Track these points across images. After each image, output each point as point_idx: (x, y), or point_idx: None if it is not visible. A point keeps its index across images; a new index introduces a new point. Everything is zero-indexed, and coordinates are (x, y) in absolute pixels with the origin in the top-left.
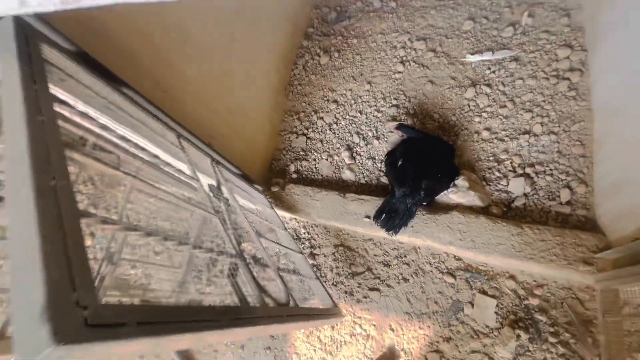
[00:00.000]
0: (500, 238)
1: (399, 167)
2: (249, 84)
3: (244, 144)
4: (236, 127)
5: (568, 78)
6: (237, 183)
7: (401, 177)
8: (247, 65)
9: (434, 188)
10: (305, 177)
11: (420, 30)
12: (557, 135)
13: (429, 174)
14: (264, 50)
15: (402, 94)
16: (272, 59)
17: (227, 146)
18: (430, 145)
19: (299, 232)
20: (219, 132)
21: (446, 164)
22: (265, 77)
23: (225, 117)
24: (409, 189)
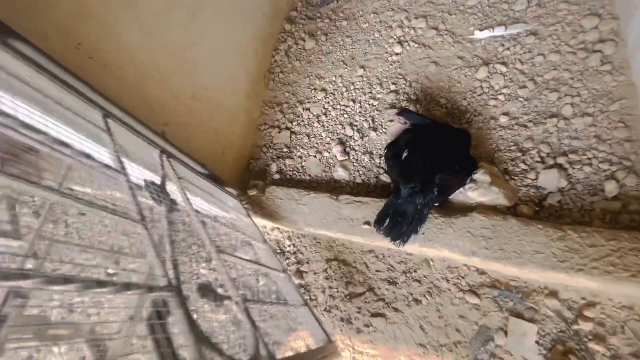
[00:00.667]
0: (537, 244)
1: (404, 159)
2: (219, 65)
3: (211, 136)
4: (201, 115)
5: (599, 50)
6: (200, 184)
7: (408, 171)
8: (216, 42)
9: (449, 184)
10: (290, 177)
11: (418, 7)
12: (592, 117)
13: (442, 167)
14: (238, 29)
15: (402, 78)
16: (248, 40)
17: (187, 137)
18: (441, 133)
19: (283, 245)
20: (176, 119)
21: (461, 154)
22: (239, 60)
23: (186, 102)
24: (419, 184)
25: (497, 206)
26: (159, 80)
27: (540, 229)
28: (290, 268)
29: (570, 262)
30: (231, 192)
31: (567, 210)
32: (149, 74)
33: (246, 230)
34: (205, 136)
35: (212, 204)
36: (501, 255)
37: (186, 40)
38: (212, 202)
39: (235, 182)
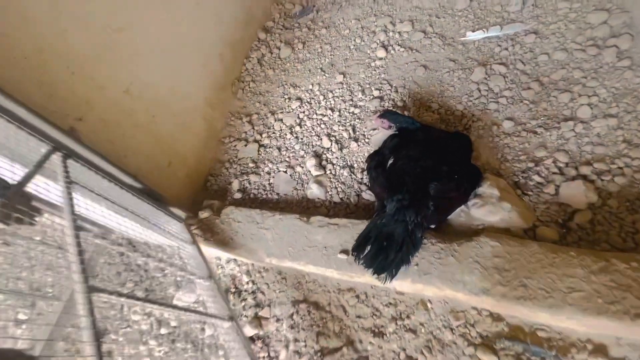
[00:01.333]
0: (572, 279)
1: (389, 167)
2: (168, 61)
3: (151, 143)
4: (138, 115)
5: (614, 45)
6: (124, 199)
7: (395, 180)
8: (165, 33)
9: (448, 198)
10: (255, 197)
11: (403, 12)
12: (616, 118)
13: (439, 174)
14: (197, 25)
15: (387, 84)
16: (212, 40)
17: (113, 139)
18: (434, 136)
19: (240, 282)
20: (97, 115)
21: (461, 161)
22: (199, 61)
23: (116, 96)
24: (409, 196)
25: (510, 228)
26: (71, 63)
27: (574, 257)
28: (247, 313)
29: (623, 305)
30: (176, 214)
31: (602, 233)
32: (55, 52)
33: (191, 261)
34: (142, 142)
35: (143, 228)
36: (523, 294)
37: (120, 20)
38: (142, 225)
39: (186, 202)
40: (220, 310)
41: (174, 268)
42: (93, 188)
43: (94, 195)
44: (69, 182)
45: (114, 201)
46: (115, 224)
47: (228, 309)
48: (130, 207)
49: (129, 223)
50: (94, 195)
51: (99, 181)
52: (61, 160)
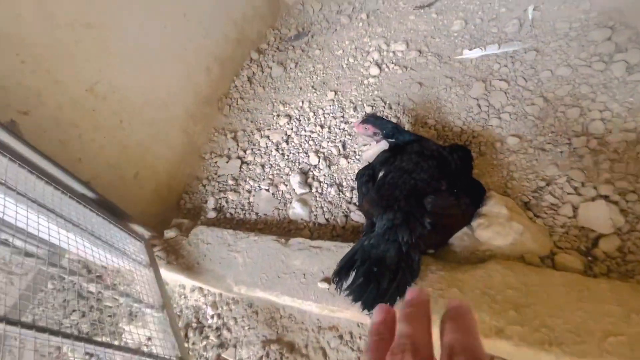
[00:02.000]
0: (609, 319)
1: (379, 180)
2: (147, 65)
3: (116, 150)
4: (102, 117)
5: (623, 60)
6: (69, 209)
7: (385, 195)
8: (146, 36)
9: (447, 215)
10: (231, 216)
11: (398, 34)
12: (635, 133)
13: (435, 188)
14: (185, 36)
15: (380, 100)
16: (199, 53)
17: (66, 141)
18: (429, 148)
19: (204, 316)
20: (48, 112)
21: (461, 173)
22: (182, 71)
23: (77, 94)
24: (401, 214)
25: (524, 255)
26: (22, 51)
27: (607, 291)
28: (207, 355)
29: None
30: (136, 232)
31: (636, 264)
32: (4, 36)
33: (142, 289)
34: (104, 147)
35: (92, 246)
36: (548, 337)
37: (90, 18)
38: (91, 242)
39: (153, 219)
40: (170, 349)
41: (129, 298)
42: (27, 193)
43: (28, 202)
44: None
45: (54, 210)
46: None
47: (176, 349)
48: (76, 220)
49: (74, 239)
50: (28, 202)
51: (38, 186)
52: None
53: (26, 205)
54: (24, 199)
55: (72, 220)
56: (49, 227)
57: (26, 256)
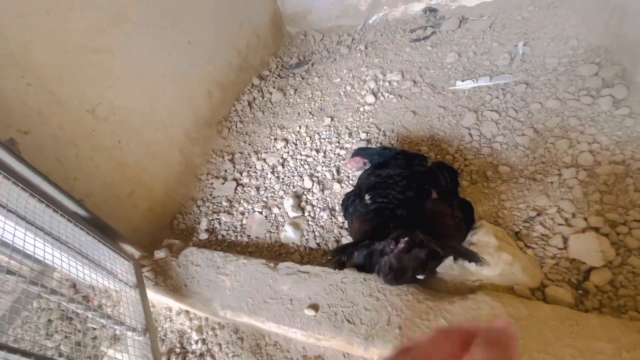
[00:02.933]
0: (599, 357)
1: (367, 212)
2: (148, 89)
3: (112, 169)
4: (101, 138)
5: (609, 95)
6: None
7: (377, 224)
8: (151, 61)
9: (443, 223)
10: (222, 238)
11: (394, 65)
12: (624, 166)
13: (428, 196)
14: (189, 62)
15: (375, 127)
16: (201, 78)
17: (64, 159)
18: (415, 163)
19: (188, 340)
20: (49, 131)
21: (450, 191)
22: (183, 95)
23: (79, 115)
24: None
25: (514, 286)
26: (29, 73)
27: (598, 327)
28: None
29: None
30: (126, 251)
31: (628, 298)
32: (12, 59)
33: (127, 310)
34: (100, 166)
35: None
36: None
37: (97, 44)
38: (78, 260)
39: (145, 239)
40: None
41: (110, 320)
42: (19, 212)
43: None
44: None
45: (42, 228)
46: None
47: None
48: (64, 238)
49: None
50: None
51: (30, 203)
52: None
53: (14, 222)
54: (14, 215)
55: (60, 238)
56: (36, 245)
57: (8, 274)
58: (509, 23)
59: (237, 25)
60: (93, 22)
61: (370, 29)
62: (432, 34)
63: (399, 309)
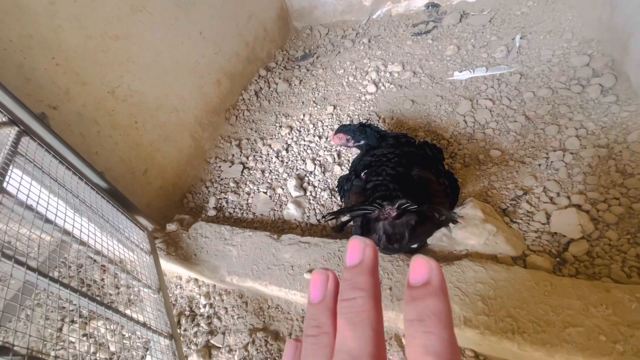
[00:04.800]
0: (568, 312)
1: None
2: (162, 75)
3: (129, 147)
4: (120, 117)
5: (598, 84)
6: (86, 194)
7: (372, 174)
8: (163, 51)
9: (432, 189)
10: (229, 215)
11: (395, 57)
12: (607, 149)
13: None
14: (200, 52)
15: (375, 115)
16: (211, 67)
17: (87, 134)
18: (401, 140)
19: (197, 305)
20: (74, 108)
21: (436, 163)
22: (194, 82)
23: (100, 95)
24: (390, 176)
25: (497, 255)
26: (58, 55)
27: (569, 287)
28: (197, 341)
29: (632, 344)
30: (141, 223)
31: (602, 267)
32: (43, 42)
33: (142, 272)
34: (119, 143)
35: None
36: (511, 326)
37: (117, 30)
38: (101, 227)
39: (157, 213)
40: (162, 327)
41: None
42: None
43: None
44: (12, 151)
45: (71, 191)
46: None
47: (170, 327)
48: (90, 204)
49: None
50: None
51: (60, 170)
52: (16, 134)
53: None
54: (48, 178)
55: (86, 201)
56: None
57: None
58: (508, 18)
59: (245, 19)
60: (114, 11)
61: (374, 24)
62: (433, 28)
63: (390, 272)
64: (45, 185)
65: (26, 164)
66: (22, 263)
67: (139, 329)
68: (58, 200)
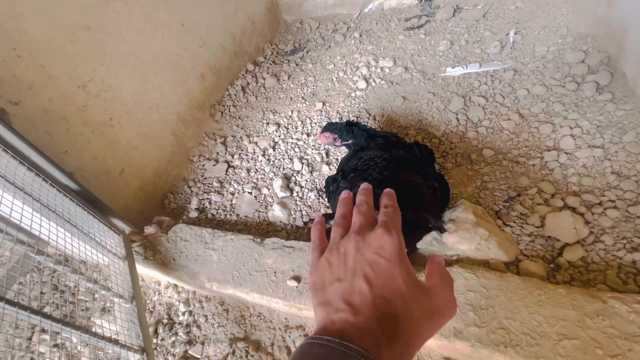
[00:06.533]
0: (563, 323)
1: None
2: (141, 69)
3: (103, 146)
4: (91, 113)
5: (593, 81)
6: (49, 197)
7: (359, 176)
8: (143, 41)
9: (420, 193)
10: (212, 217)
11: (386, 52)
12: (603, 149)
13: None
14: (181, 45)
15: (365, 112)
16: (196, 62)
17: (54, 132)
18: (390, 140)
19: (175, 313)
20: (40, 104)
21: (426, 165)
22: (175, 77)
23: (69, 90)
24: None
25: (489, 260)
26: (19, 46)
27: (564, 296)
28: (175, 351)
29: (629, 358)
30: (117, 226)
31: (598, 273)
32: (3, 32)
33: (115, 280)
34: (91, 142)
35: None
36: (503, 339)
37: (88, 21)
38: (70, 232)
39: (135, 215)
40: (134, 339)
41: (97, 285)
42: (8, 178)
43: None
44: None
45: (34, 197)
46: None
47: (142, 339)
48: (57, 209)
49: (54, 229)
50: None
51: (19, 171)
52: None
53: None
54: (2, 180)
55: (49, 205)
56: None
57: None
58: (502, 12)
59: (232, 11)
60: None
61: (365, 18)
62: (426, 22)
63: None
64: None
65: None
66: None
67: (109, 346)
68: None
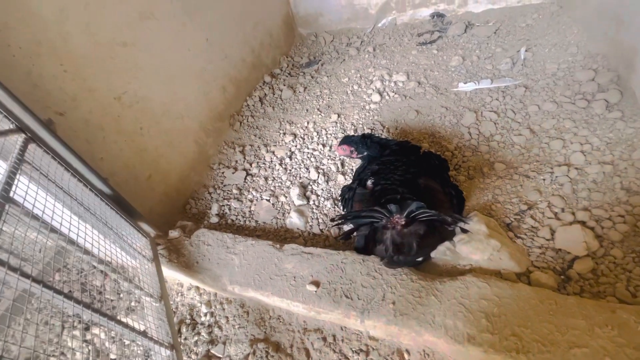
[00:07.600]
0: (573, 332)
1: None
2: (169, 81)
3: (134, 152)
4: (125, 123)
5: (603, 99)
6: (89, 200)
7: (378, 185)
8: (172, 56)
9: (437, 199)
10: (232, 223)
11: (400, 66)
12: (612, 165)
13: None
14: (206, 58)
15: (379, 124)
16: (217, 74)
17: (91, 140)
18: (405, 148)
19: (197, 313)
20: (80, 115)
21: (441, 173)
22: (200, 89)
23: (105, 101)
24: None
25: (501, 271)
26: (66, 61)
27: (574, 306)
28: (197, 350)
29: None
30: (144, 229)
31: (607, 285)
32: (52, 48)
33: (144, 280)
34: (123, 149)
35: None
36: (516, 345)
37: (125, 38)
38: (103, 233)
39: (160, 219)
40: (164, 336)
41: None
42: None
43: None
44: (19, 159)
45: (75, 198)
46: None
47: (171, 337)
48: (94, 211)
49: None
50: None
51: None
52: (23, 141)
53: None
54: (53, 185)
55: (90, 209)
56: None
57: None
58: (513, 30)
59: (252, 26)
60: (123, 18)
61: (379, 32)
62: (438, 38)
63: (394, 286)
64: (51, 193)
65: (32, 172)
66: (27, 275)
67: (140, 339)
68: (63, 209)
